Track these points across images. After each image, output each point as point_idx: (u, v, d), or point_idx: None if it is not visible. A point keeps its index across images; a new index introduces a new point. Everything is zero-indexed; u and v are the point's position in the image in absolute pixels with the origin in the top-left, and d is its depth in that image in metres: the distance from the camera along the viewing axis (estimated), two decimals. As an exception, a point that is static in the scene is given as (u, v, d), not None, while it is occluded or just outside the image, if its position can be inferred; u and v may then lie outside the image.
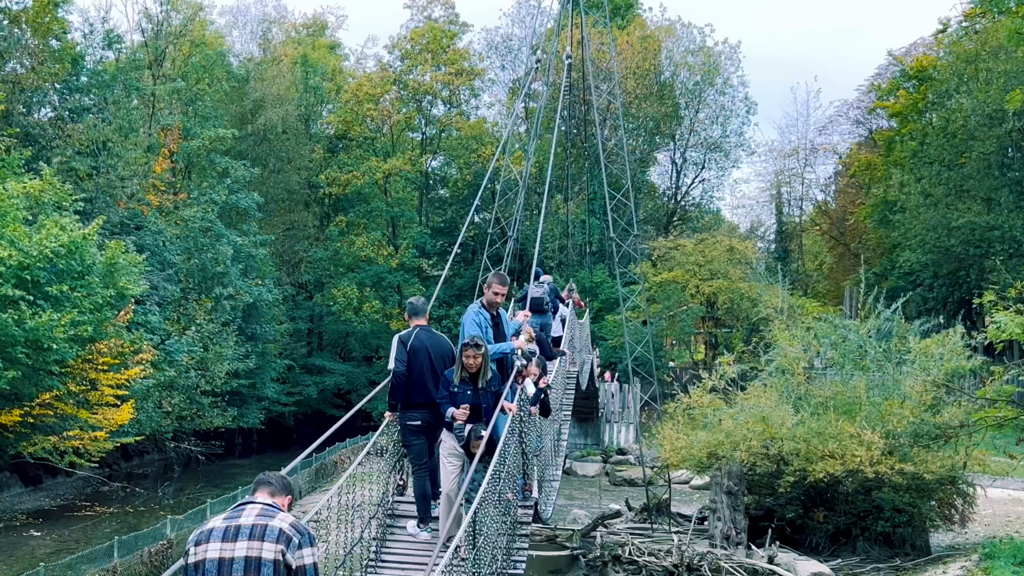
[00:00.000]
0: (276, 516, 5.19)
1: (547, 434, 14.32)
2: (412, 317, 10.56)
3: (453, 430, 9.86)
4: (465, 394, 9.84)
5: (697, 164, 66.49)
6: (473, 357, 9.80)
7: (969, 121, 42.94)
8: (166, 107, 45.07)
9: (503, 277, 11.02)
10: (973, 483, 21.10)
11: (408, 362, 10.18)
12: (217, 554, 4.99)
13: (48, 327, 24.34)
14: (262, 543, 4.96)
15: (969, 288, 42.26)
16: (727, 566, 18.32)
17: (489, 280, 10.91)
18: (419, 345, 10.19)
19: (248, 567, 4.91)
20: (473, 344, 9.82)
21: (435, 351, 10.21)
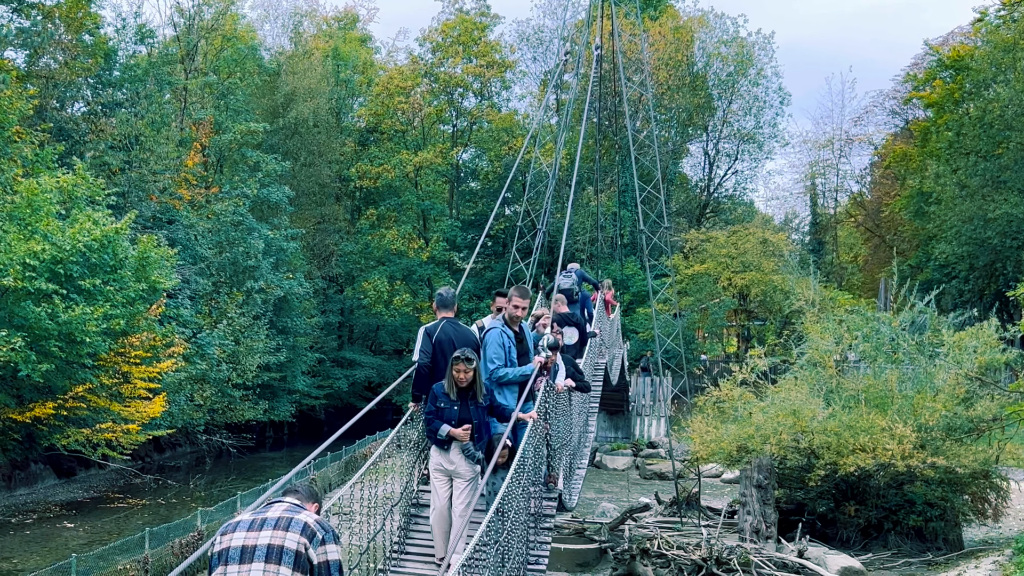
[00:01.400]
0: (302, 512, 5.18)
1: (575, 425, 14.26)
2: (440, 309, 10.53)
3: (443, 447, 9.46)
4: (452, 409, 9.40)
5: (730, 155, 66.06)
6: (464, 371, 9.34)
7: (1006, 111, 42.31)
8: (198, 101, 45.34)
9: (524, 290, 10.59)
10: (1007, 477, 20.84)
11: (433, 354, 10.14)
12: (241, 542, 4.99)
13: (81, 320, 24.55)
14: (286, 533, 4.96)
15: (1005, 280, 41.70)
16: (756, 560, 18.17)
17: (511, 294, 10.53)
18: (444, 337, 10.15)
19: (270, 553, 4.90)
20: (464, 358, 9.34)
21: (460, 343, 10.14)
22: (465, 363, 9.31)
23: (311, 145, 53.82)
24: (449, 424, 9.33)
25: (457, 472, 9.41)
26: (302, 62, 54.83)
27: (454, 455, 9.40)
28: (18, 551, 21.67)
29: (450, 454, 9.41)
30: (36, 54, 35.60)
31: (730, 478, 30.91)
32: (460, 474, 9.40)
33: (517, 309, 10.42)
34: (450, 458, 9.42)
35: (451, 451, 9.40)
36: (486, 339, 10.46)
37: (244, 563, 4.90)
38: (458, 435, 9.31)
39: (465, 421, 9.36)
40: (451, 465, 9.43)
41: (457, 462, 9.40)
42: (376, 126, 60.35)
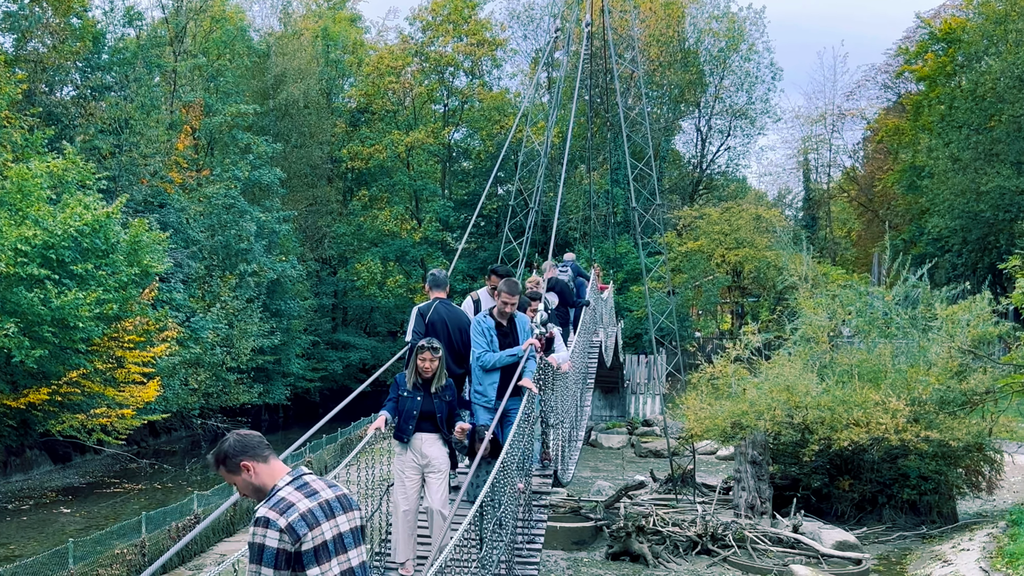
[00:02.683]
0: (338, 485, 5.03)
1: (571, 401, 14.28)
2: (433, 289, 10.50)
3: (406, 440, 8.95)
4: (415, 400, 8.89)
5: (722, 132, 65.90)
6: (429, 360, 8.85)
7: (998, 84, 42.27)
8: (187, 84, 45.12)
9: (513, 285, 9.99)
10: (1000, 450, 20.94)
11: (425, 334, 10.11)
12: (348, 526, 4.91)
13: (73, 305, 24.46)
14: (354, 512, 4.82)
15: (999, 253, 41.75)
16: (751, 535, 18.26)
17: (499, 288, 9.96)
18: (437, 318, 10.09)
19: (355, 537, 4.82)
20: (430, 347, 8.86)
21: (453, 324, 10.10)
22: (431, 352, 8.85)
23: (302, 126, 53.61)
24: (412, 416, 8.86)
25: (431, 465, 8.92)
26: (292, 43, 54.52)
27: (428, 446, 8.90)
28: (15, 537, 21.69)
29: (422, 446, 8.90)
30: (24, 38, 35.33)
31: (725, 455, 31.00)
32: (434, 467, 8.91)
33: (506, 305, 9.88)
34: (422, 451, 8.91)
35: (424, 443, 8.90)
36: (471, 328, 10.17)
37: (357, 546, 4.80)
38: (457, 434, 8.93)
39: (427, 414, 8.87)
40: (423, 459, 8.91)
41: (430, 453, 8.90)
42: (367, 106, 60.10)
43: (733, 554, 17.72)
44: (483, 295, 11.24)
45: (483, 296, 11.22)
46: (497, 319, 9.94)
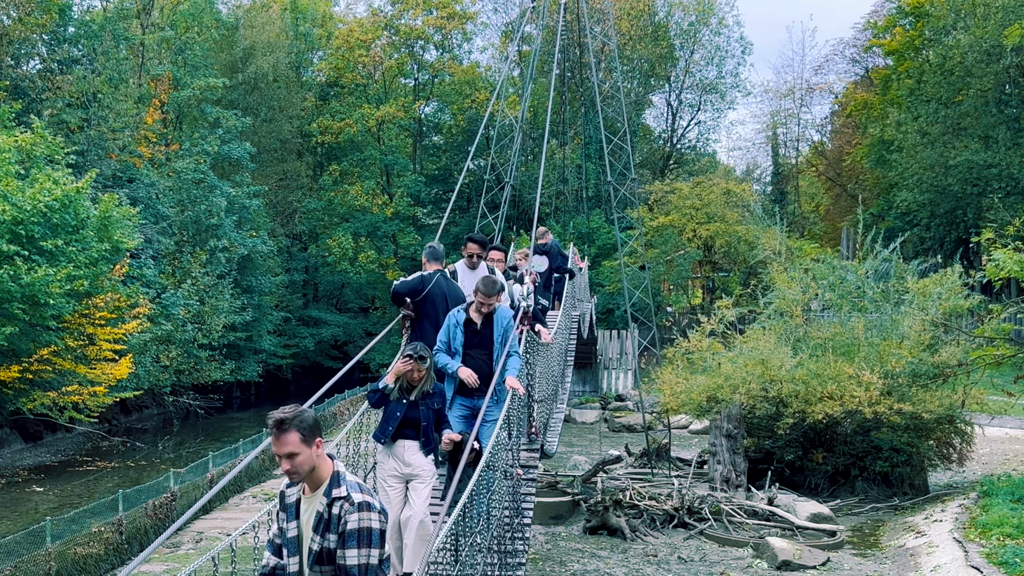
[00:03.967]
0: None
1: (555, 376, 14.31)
2: (431, 262, 10.55)
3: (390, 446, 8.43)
4: (400, 403, 8.35)
5: (692, 106, 65.94)
6: (418, 371, 8.28)
7: (967, 58, 42.53)
8: (155, 57, 44.57)
9: (491, 284, 9.18)
10: (971, 422, 21.22)
11: (421, 294, 10.19)
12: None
13: (44, 282, 24.24)
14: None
15: (966, 227, 42.20)
16: (727, 508, 18.44)
17: (477, 287, 9.23)
18: (438, 291, 10.16)
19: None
20: (418, 356, 8.25)
21: (452, 300, 10.15)
22: (419, 361, 8.26)
23: (271, 100, 53.13)
24: (395, 417, 8.33)
25: (415, 473, 8.36)
26: (260, 15, 53.90)
27: (411, 455, 8.34)
28: (-12, 516, 21.54)
29: (405, 454, 8.35)
30: (-12, 11, 34.81)
31: (698, 429, 31.24)
32: (418, 474, 8.35)
33: (483, 306, 9.20)
34: (404, 459, 8.34)
35: (407, 451, 8.35)
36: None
37: None
38: (445, 443, 8.43)
39: (411, 420, 8.32)
40: (407, 467, 8.34)
41: (414, 461, 8.35)
42: (337, 80, 59.63)
43: (709, 527, 17.88)
44: (460, 267, 10.99)
45: (460, 268, 10.97)
46: (471, 316, 9.26)
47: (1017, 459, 24.94)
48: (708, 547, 17.02)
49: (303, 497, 4.72)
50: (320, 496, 4.64)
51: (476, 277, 10.74)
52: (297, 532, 4.73)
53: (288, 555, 4.78)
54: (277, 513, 4.92)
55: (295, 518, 4.74)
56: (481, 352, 9.23)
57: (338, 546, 4.57)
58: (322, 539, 4.60)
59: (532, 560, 16.14)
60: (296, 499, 4.75)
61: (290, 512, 4.77)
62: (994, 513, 16.00)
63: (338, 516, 4.57)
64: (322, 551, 4.61)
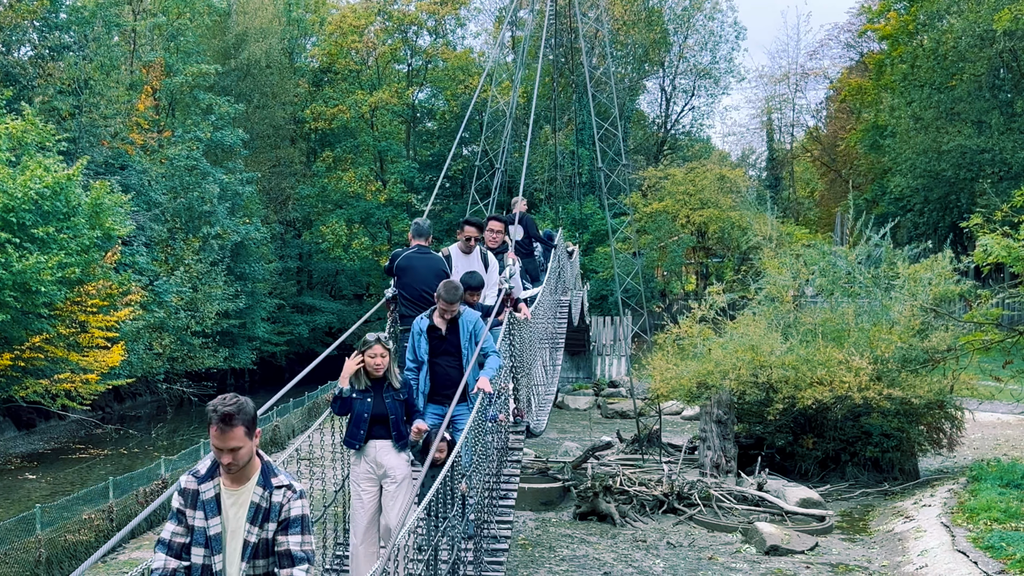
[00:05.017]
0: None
1: (538, 356, 14.29)
2: (415, 238, 10.66)
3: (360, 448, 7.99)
4: (365, 402, 7.87)
5: (686, 92, 65.77)
6: (380, 356, 7.81)
7: (960, 42, 42.47)
8: (147, 43, 44.38)
9: (452, 290, 8.73)
10: (961, 407, 21.27)
11: (392, 275, 10.36)
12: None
13: (35, 269, 24.19)
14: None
15: (960, 212, 42.19)
16: (717, 494, 18.49)
17: (439, 293, 8.74)
18: (406, 264, 10.28)
19: None
20: (376, 340, 7.83)
21: (424, 271, 10.22)
22: (379, 345, 7.83)
23: (264, 87, 52.95)
24: (362, 419, 7.87)
25: (388, 474, 7.92)
26: (253, 1, 53.64)
27: (383, 455, 7.92)
28: (-20, 504, 21.55)
29: (377, 454, 7.92)
30: (-22, -3, 34.68)
31: (690, 415, 31.31)
32: (392, 477, 7.91)
33: (445, 312, 8.76)
34: (377, 459, 7.92)
35: (379, 451, 7.92)
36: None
37: None
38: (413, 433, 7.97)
39: (379, 417, 7.88)
40: (379, 469, 7.92)
41: (387, 461, 7.92)
42: (330, 66, 59.43)
43: (699, 512, 17.94)
44: (454, 251, 10.94)
45: (454, 252, 10.92)
46: (435, 322, 8.83)
47: (1008, 444, 25.04)
48: (697, 532, 17.08)
49: (225, 490, 4.60)
50: (253, 487, 4.58)
51: (471, 262, 10.79)
52: (222, 528, 4.59)
53: (209, 554, 4.59)
54: (178, 512, 4.63)
55: (217, 514, 4.58)
56: (449, 359, 8.79)
57: (278, 534, 4.56)
58: (260, 530, 4.56)
59: (522, 546, 16.21)
60: (215, 494, 4.60)
61: (209, 508, 4.59)
62: (982, 498, 16.08)
63: (280, 504, 4.56)
64: (259, 543, 4.57)
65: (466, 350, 8.74)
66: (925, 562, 13.89)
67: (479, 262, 10.92)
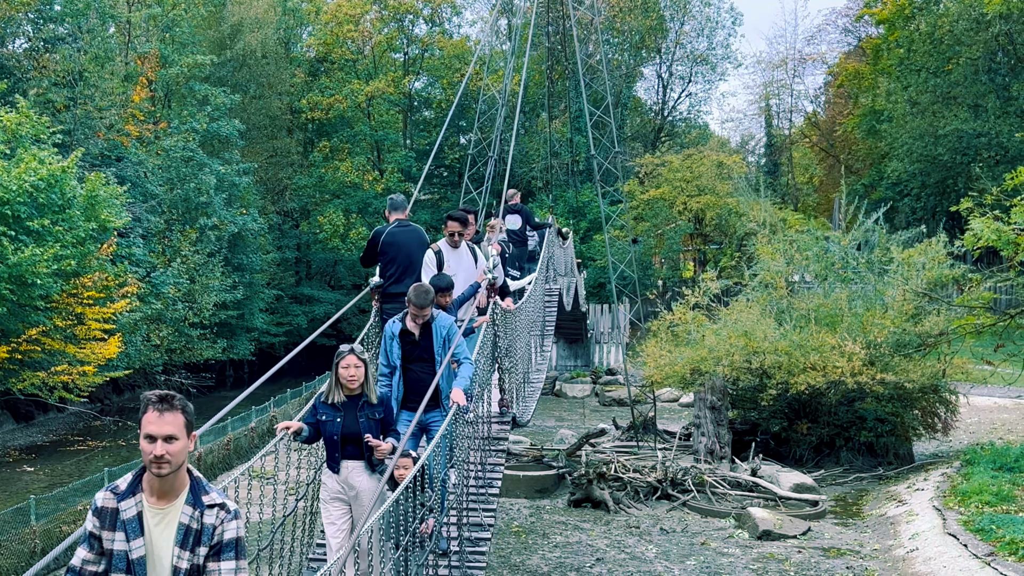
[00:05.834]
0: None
1: (526, 345, 14.30)
2: (392, 212, 10.65)
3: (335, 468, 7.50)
4: (335, 422, 7.30)
5: (683, 78, 65.67)
6: (354, 366, 7.26)
7: (956, 26, 42.42)
8: (142, 34, 44.22)
9: (422, 295, 8.35)
10: (955, 391, 21.30)
11: (381, 254, 10.31)
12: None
13: (31, 262, 24.19)
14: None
15: (957, 196, 42.10)
16: (710, 480, 18.54)
17: (408, 295, 8.40)
18: (391, 239, 10.27)
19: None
20: (350, 350, 7.32)
21: (412, 243, 10.26)
22: (353, 356, 7.29)
23: (260, 77, 52.78)
24: (335, 443, 7.36)
25: (359, 496, 7.45)
26: (248, -9, 53.58)
27: (355, 476, 7.43)
28: (-23, 496, 21.62)
29: (349, 475, 7.45)
30: (-29, -10, 34.57)
31: (687, 402, 31.33)
32: (362, 498, 7.40)
33: (417, 317, 8.40)
34: (348, 480, 7.45)
35: (351, 472, 7.44)
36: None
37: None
38: (377, 451, 7.35)
39: (352, 436, 7.29)
40: (351, 490, 7.47)
41: (358, 483, 7.43)
42: (326, 56, 59.31)
43: (692, 498, 18.00)
44: (443, 246, 10.66)
45: (444, 247, 10.64)
46: (407, 326, 8.48)
47: (1004, 428, 25.09)
48: (691, 518, 17.15)
49: (149, 508, 4.01)
50: (181, 505, 4.02)
51: (460, 257, 10.57)
52: (146, 551, 3.99)
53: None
54: (90, 536, 4.02)
55: (140, 535, 3.98)
56: (422, 365, 8.42)
57: (209, 559, 4.01)
58: (191, 554, 3.99)
59: (515, 533, 16.27)
60: (137, 512, 4.00)
61: (131, 529, 3.98)
62: (975, 481, 16.13)
63: (212, 526, 4.01)
64: (191, 568, 4.00)
65: (439, 355, 8.37)
66: (916, 545, 13.95)
67: (469, 256, 10.71)
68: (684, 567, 14.01)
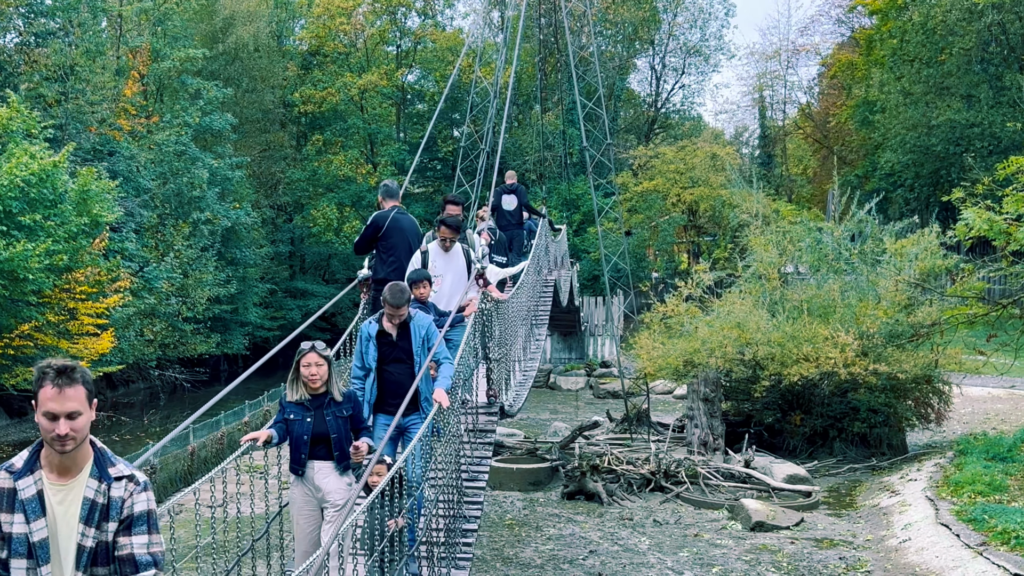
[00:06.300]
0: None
1: (516, 334, 14.27)
2: (386, 199, 10.60)
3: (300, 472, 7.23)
4: (304, 422, 7.08)
5: (676, 70, 65.63)
6: (316, 365, 7.04)
7: (949, 16, 42.34)
8: (134, 28, 44.10)
9: (399, 292, 8.10)
10: (949, 381, 21.31)
11: (382, 239, 10.23)
12: None
13: (23, 257, 24.11)
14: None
15: (949, 187, 42.04)
16: (704, 472, 18.54)
17: (383, 294, 8.15)
18: (395, 225, 10.23)
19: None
20: (311, 347, 7.08)
21: (411, 232, 10.19)
22: (314, 354, 7.07)
23: (253, 70, 52.66)
24: (303, 443, 7.11)
25: (327, 499, 7.20)
26: (240, -16, 53.42)
27: (321, 477, 7.19)
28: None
29: (315, 476, 7.20)
30: (-39, -16, 34.47)
31: (681, 394, 31.32)
32: (332, 500, 7.18)
33: (393, 317, 8.14)
34: (316, 482, 7.20)
35: (317, 472, 7.19)
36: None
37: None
38: (354, 453, 7.15)
39: (320, 436, 7.11)
40: (318, 492, 7.22)
41: (325, 484, 7.20)
42: (318, 49, 59.16)
43: (686, 490, 17.99)
44: (433, 248, 10.28)
45: (433, 249, 10.25)
46: (384, 327, 8.21)
47: (998, 418, 25.10)
48: (684, 510, 17.14)
49: (50, 486, 3.74)
50: (85, 479, 3.74)
51: (451, 259, 10.21)
52: (48, 532, 3.70)
53: (34, 565, 3.68)
54: None
55: (41, 514, 3.69)
56: (400, 367, 8.12)
57: (119, 534, 3.73)
58: (98, 531, 3.70)
59: (509, 526, 16.26)
60: (37, 491, 3.72)
61: (31, 509, 3.70)
62: (967, 471, 16.13)
63: (121, 499, 3.72)
64: (97, 547, 3.70)
65: (419, 356, 8.11)
66: (908, 535, 13.96)
67: (460, 259, 10.34)
68: (677, 559, 14.01)
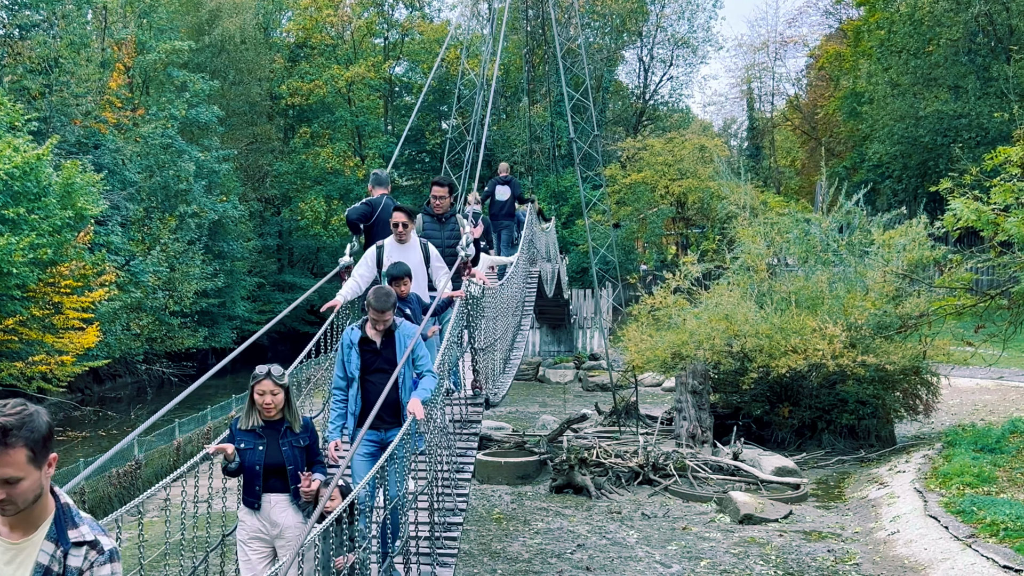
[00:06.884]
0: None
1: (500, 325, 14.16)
2: (376, 187, 10.55)
3: (255, 506, 6.67)
4: (257, 450, 6.54)
5: (664, 61, 65.59)
6: (271, 393, 6.54)
7: (936, 7, 42.36)
8: (119, 20, 43.78)
9: (383, 298, 7.59)
10: (937, 372, 21.30)
11: (371, 221, 10.22)
12: None
13: (6, 251, 23.92)
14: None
15: (937, 178, 42.10)
16: (692, 464, 18.50)
17: (368, 299, 7.69)
18: (386, 214, 10.09)
19: None
20: (266, 374, 6.53)
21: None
22: (269, 381, 6.53)
23: (239, 63, 52.40)
24: (256, 474, 6.55)
25: (282, 535, 6.67)
26: (226, -24, 53.12)
27: (277, 512, 6.65)
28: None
29: (271, 511, 6.65)
30: (-58, -24, 34.17)
31: (670, 386, 31.31)
32: (287, 536, 6.64)
33: (377, 323, 7.67)
34: (271, 517, 6.65)
35: (273, 507, 6.65)
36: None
37: None
38: (303, 487, 6.60)
39: (274, 467, 6.57)
40: (274, 528, 6.66)
41: (281, 520, 6.66)
42: (305, 41, 58.92)
43: (674, 483, 17.94)
44: (388, 243, 9.56)
45: (388, 243, 9.55)
46: (368, 333, 7.74)
47: (986, 409, 25.09)
48: (672, 503, 17.09)
49: (1, 542, 3.09)
50: (41, 540, 3.10)
51: (407, 253, 9.58)
52: None
53: None
54: None
55: None
56: (384, 377, 7.36)
57: None
58: None
59: (497, 519, 16.18)
60: None
61: None
62: (955, 463, 16.11)
63: (78, 570, 3.10)
64: None
65: (404, 366, 7.58)
66: (897, 528, 13.92)
67: (417, 252, 9.66)
68: (665, 552, 13.95)
